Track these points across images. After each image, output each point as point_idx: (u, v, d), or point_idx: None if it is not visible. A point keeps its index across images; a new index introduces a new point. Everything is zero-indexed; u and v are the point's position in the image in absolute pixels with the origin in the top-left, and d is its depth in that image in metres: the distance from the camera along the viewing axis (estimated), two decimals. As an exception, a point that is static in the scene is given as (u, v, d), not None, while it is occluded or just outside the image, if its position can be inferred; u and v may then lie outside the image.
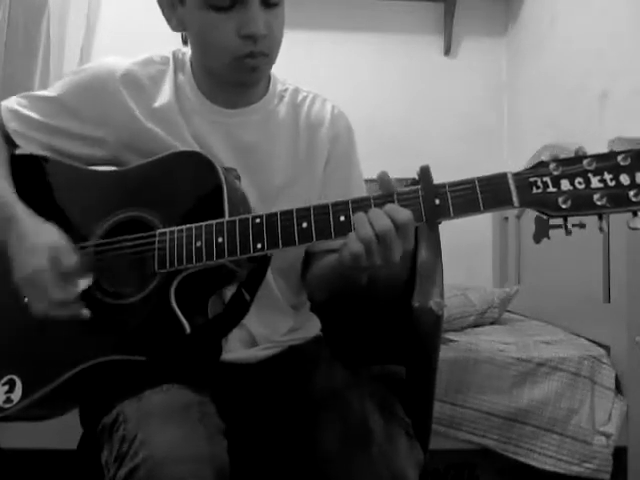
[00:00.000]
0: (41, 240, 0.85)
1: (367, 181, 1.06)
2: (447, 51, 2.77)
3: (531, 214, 2.25)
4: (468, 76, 2.78)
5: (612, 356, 1.63)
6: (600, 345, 1.69)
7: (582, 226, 1.82)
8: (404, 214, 0.73)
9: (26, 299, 0.85)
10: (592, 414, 1.55)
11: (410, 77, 2.75)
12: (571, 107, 2.20)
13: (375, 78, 2.73)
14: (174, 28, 0.95)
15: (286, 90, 1.04)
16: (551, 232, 2.10)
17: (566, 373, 1.59)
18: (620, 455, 1.54)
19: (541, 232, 2.17)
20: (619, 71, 1.92)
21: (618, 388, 1.60)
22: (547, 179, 0.69)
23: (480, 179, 0.71)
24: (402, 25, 2.76)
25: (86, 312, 0.83)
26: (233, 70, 0.90)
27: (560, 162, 0.68)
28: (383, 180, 0.75)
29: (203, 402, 0.80)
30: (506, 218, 2.55)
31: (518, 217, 2.42)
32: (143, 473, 0.69)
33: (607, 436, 1.53)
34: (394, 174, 0.85)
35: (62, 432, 1.08)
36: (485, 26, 2.81)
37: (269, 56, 0.91)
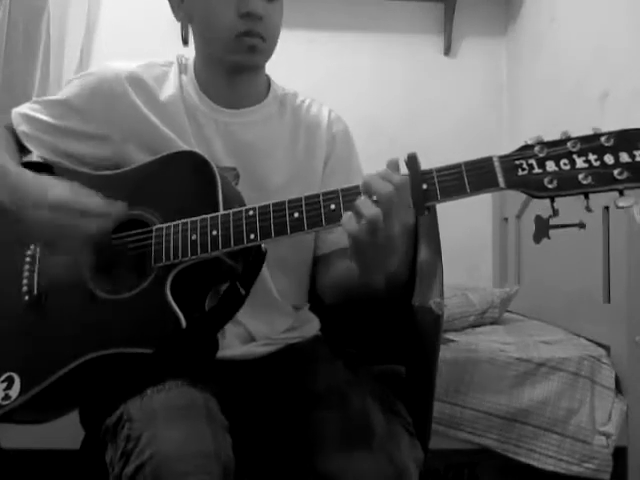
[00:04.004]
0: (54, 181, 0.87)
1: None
2: (447, 51, 2.77)
3: (531, 214, 2.25)
4: (468, 76, 2.78)
5: (612, 356, 1.63)
6: (600, 345, 1.69)
7: (582, 226, 1.82)
8: (397, 177, 0.71)
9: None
10: (592, 414, 1.55)
11: (410, 77, 2.75)
12: (571, 107, 2.20)
13: (375, 78, 2.73)
14: (181, 19, 1.02)
15: (285, 95, 1.07)
16: (551, 232, 2.10)
17: (566, 373, 1.59)
18: (620, 455, 1.54)
19: (541, 232, 2.17)
20: (619, 71, 1.91)
21: (618, 388, 1.60)
22: (532, 161, 0.69)
23: (466, 163, 0.72)
24: (402, 25, 2.76)
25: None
26: (232, 50, 0.95)
27: (545, 144, 0.69)
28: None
29: (207, 399, 0.80)
30: (506, 218, 2.55)
31: (518, 217, 2.42)
32: (150, 470, 0.69)
33: (607, 436, 1.53)
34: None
35: (64, 432, 1.08)
36: (485, 26, 2.80)
37: (266, 42, 0.95)
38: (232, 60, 0.96)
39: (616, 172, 0.66)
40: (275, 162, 1.00)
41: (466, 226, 2.42)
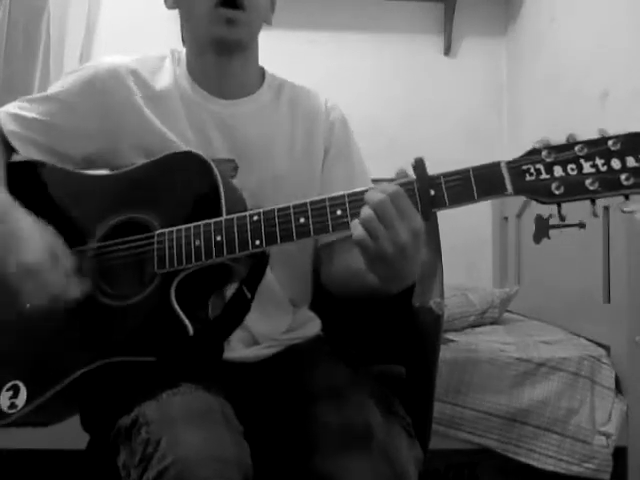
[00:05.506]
0: (39, 236, 0.85)
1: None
2: (447, 51, 2.77)
3: (531, 214, 2.25)
4: (468, 76, 2.78)
5: (612, 356, 1.63)
6: (600, 345, 1.69)
7: (582, 226, 1.82)
8: (392, 186, 0.71)
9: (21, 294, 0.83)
10: (592, 414, 1.55)
11: (410, 77, 2.75)
12: (571, 107, 2.20)
13: (375, 78, 2.73)
14: (169, 6, 1.01)
15: (280, 84, 1.06)
16: (551, 232, 2.10)
17: (566, 373, 1.59)
18: (620, 455, 1.54)
19: (541, 232, 2.17)
20: (619, 71, 1.91)
21: (618, 388, 1.60)
22: (540, 166, 0.69)
23: (474, 168, 0.71)
24: (402, 25, 2.76)
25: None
26: (211, 22, 0.93)
27: (552, 149, 0.69)
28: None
29: (222, 405, 0.80)
30: (506, 218, 2.55)
31: (518, 216, 2.42)
32: (173, 474, 0.68)
33: (607, 436, 1.53)
34: (393, 174, 0.85)
35: (66, 433, 1.08)
36: (485, 26, 2.80)
37: (247, 11, 0.93)
38: (213, 35, 0.94)
39: (623, 177, 0.66)
40: (274, 151, 0.99)
41: (466, 226, 2.42)
